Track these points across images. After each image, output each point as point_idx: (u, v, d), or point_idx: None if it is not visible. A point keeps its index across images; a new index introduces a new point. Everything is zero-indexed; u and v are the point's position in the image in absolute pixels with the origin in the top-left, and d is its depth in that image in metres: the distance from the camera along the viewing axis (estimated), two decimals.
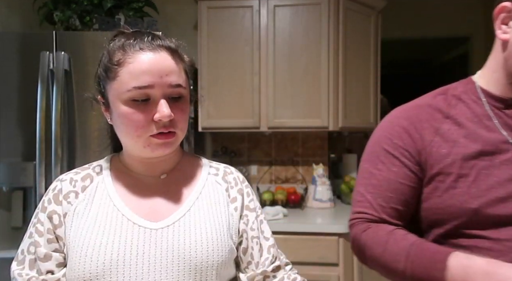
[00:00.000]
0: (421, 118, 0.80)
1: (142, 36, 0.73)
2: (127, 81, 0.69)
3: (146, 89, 0.69)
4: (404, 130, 0.80)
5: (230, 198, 0.82)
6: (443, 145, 0.76)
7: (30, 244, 0.74)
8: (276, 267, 0.82)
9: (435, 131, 0.78)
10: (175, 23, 2.61)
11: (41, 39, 1.79)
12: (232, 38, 2.25)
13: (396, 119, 0.83)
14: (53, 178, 1.71)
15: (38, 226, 0.74)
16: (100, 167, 0.81)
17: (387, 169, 0.80)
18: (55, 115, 1.73)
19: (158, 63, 0.70)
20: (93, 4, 2.04)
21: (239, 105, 2.22)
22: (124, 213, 0.73)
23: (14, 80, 1.79)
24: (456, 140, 0.76)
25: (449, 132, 0.77)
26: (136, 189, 0.77)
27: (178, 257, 0.71)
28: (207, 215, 0.76)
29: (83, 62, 1.80)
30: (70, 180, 0.77)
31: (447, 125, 0.78)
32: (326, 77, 2.19)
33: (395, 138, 0.80)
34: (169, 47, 0.73)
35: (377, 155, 0.82)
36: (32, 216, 0.77)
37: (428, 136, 0.78)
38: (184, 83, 0.74)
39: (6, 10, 2.12)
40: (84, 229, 0.71)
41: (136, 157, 0.77)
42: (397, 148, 0.80)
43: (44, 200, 0.76)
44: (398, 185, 0.78)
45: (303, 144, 2.61)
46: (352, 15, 2.28)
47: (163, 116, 0.69)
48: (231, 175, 0.86)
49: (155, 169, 0.79)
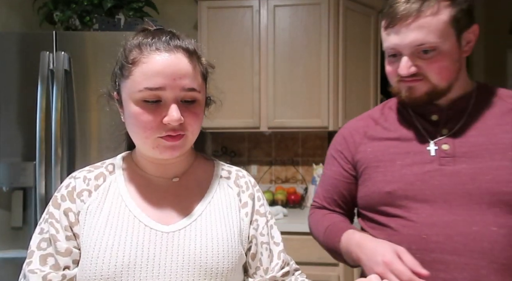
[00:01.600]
0: (358, 126, 1.00)
1: (160, 36, 0.71)
2: (139, 81, 0.68)
3: (158, 91, 0.67)
4: (343, 137, 1.02)
5: (241, 203, 0.81)
6: (368, 144, 0.95)
7: (41, 240, 0.72)
8: (286, 272, 0.81)
9: (364, 134, 0.97)
10: (175, 23, 2.60)
11: (41, 39, 1.79)
12: (232, 38, 2.25)
13: (342, 129, 1.05)
14: (53, 178, 1.71)
15: (54, 222, 0.72)
16: (113, 166, 0.80)
17: (329, 169, 1.04)
18: (55, 115, 1.73)
19: (172, 65, 0.68)
20: (93, 4, 2.04)
21: (239, 105, 2.22)
22: (136, 215, 0.72)
23: (14, 80, 1.79)
24: (380, 138, 0.94)
25: (375, 134, 0.95)
26: (148, 190, 0.76)
27: (189, 261, 0.70)
28: (218, 220, 0.76)
29: (83, 62, 1.80)
30: (83, 178, 0.76)
31: (375, 129, 0.96)
32: (326, 77, 2.19)
33: (337, 144, 1.03)
34: (186, 49, 0.71)
35: (327, 158, 1.07)
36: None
37: (359, 139, 0.98)
38: (198, 86, 0.72)
39: (6, 10, 2.12)
40: (96, 228, 0.70)
41: (147, 157, 0.77)
42: (337, 152, 1.02)
43: (56, 196, 0.75)
44: (334, 180, 1.02)
45: (303, 144, 2.61)
46: (352, 15, 2.28)
47: (172, 120, 0.67)
48: (243, 179, 0.85)
49: (167, 171, 0.78)
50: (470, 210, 0.79)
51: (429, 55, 0.80)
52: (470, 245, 0.78)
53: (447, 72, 0.82)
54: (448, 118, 0.87)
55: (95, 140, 1.80)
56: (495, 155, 0.80)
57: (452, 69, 0.83)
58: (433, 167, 0.84)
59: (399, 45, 0.82)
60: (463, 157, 0.82)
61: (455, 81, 0.84)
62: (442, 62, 0.80)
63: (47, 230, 0.72)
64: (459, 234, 0.79)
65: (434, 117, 0.88)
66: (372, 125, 0.98)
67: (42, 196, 1.71)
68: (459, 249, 0.78)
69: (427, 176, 0.84)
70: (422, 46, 0.79)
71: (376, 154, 0.92)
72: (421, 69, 0.82)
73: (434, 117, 0.88)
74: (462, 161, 0.82)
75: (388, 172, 0.88)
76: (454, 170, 0.82)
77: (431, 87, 0.83)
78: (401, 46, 0.81)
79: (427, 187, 0.83)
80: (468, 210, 0.79)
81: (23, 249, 1.76)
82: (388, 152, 0.91)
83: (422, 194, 0.83)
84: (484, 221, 0.78)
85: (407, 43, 0.80)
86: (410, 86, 0.84)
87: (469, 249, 0.78)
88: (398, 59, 0.84)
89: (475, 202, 0.79)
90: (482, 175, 0.80)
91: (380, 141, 0.93)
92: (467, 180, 0.81)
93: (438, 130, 0.87)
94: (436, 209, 0.82)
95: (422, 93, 0.84)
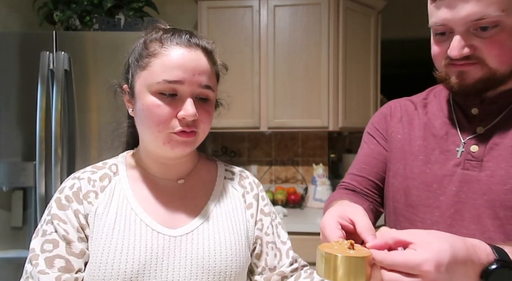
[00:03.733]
0: (398, 107, 0.90)
1: (180, 32, 0.72)
2: (158, 72, 0.68)
3: (176, 84, 0.67)
4: (383, 115, 0.92)
5: (246, 204, 0.81)
6: (400, 129, 0.86)
7: (44, 242, 0.68)
8: (295, 269, 0.81)
9: (400, 117, 0.88)
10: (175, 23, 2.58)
11: (41, 39, 1.79)
12: (232, 38, 2.25)
13: (382, 108, 0.94)
14: (53, 178, 1.71)
15: (60, 224, 0.69)
16: (116, 166, 0.78)
17: (367, 147, 0.92)
18: (55, 115, 1.73)
19: (192, 60, 0.69)
20: (93, 4, 2.04)
21: (239, 105, 2.22)
22: (143, 218, 0.71)
23: (14, 80, 1.79)
24: (413, 126, 0.84)
25: (409, 119, 0.86)
26: (153, 193, 0.75)
27: (197, 266, 0.70)
28: (225, 223, 0.75)
29: (83, 62, 1.80)
30: (88, 179, 0.74)
31: (413, 114, 0.86)
32: (326, 77, 2.19)
33: (375, 123, 0.93)
34: (205, 48, 0.73)
35: (363, 138, 0.95)
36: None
37: (395, 120, 0.88)
38: (213, 86, 0.73)
39: (6, 10, 2.12)
40: (104, 232, 0.69)
41: (153, 155, 0.76)
42: (375, 130, 0.92)
43: (60, 197, 0.72)
44: (372, 159, 0.89)
45: (303, 144, 2.60)
46: (352, 15, 2.28)
47: (188, 114, 0.67)
48: (247, 179, 0.85)
49: (171, 172, 0.78)
50: (481, 225, 0.68)
51: (489, 33, 0.65)
52: None
53: (509, 54, 0.67)
54: (488, 113, 0.74)
55: (95, 140, 1.80)
56: None
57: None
58: (455, 171, 0.74)
59: (451, 21, 0.67)
60: (490, 162, 0.70)
61: None
62: (503, 41, 0.66)
63: (52, 232, 0.69)
64: None
65: (474, 110, 0.75)
66: (411, 110, 0.87)
67: (42, 196, 1.71)
68: None
69: (447, 180, 0.74)
70: (480, 21, 0.65)
71: (403, 142, 0.83)
72: (477, 51, 0.67)
73: (474, 110, 0.75)
74: (488, 167, 0.70)
75: (408, 166, 0.80)
76: (476, 177, 0.71)
77: (487, 73, 0.68)
78: (454, 21, 0.67)
79: (442, 192, 0.74)
80: (480, 225, 0.69)
81: (23, 249, 1.76)
82: (415, 143, 0.81)
83: (435, 199, 0.74)
84: (492, 239, 0.66)
85: (462, 17, 0.65)
86: (462, 70, 0.70)
87: None
88: (449, 38, 0.69)
89: (489, 216, 0.68)
90: (501, 184, 0.68)
91: (411, 129, 0.83)
92: (485, 190, 0.69)
93: (473, 126, 0.75)
94: (445, 219, 0.73)
95: (476, 79, 0.69)
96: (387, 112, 0.91)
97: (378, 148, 0.89)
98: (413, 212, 0.77)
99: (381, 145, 0.89)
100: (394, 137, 0.86)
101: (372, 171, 0.89)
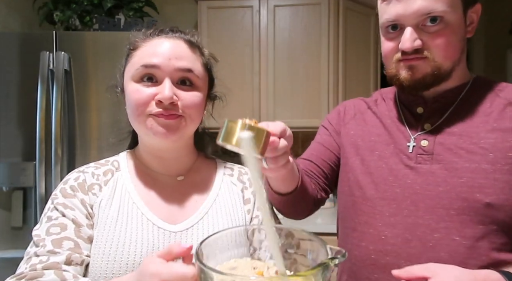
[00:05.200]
0: (351, 105, 0.96)
1: (164, 28, 0.75)
2: (137, 61, 0.71)
3: (152, 69, 0.69)
4: (337, 112, 0.97)
5: (244, 199, 0.81)
6: (353, 126, 0.90)
7: (50, 226, 0.68)
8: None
9: (354, 115, 0.93)
10: (175, 23, 2.58)
11: (41, 39, 1.79)
12: (232, 38, 2.25)
13: (337, 106, 1.01)
14: (53, 178, 1.71)
15: (68, 210, 0.69)
16: (118, 163, 0.79)
17: (319, 137, 0.98)
18: (55, 115, 1.73)
19: (170, 47, 0.71)
20: (93, 4, 2.04)
21: (239, 105, 2.22)
22: (144, 213, 0.72)
23: (14, 80, 1.79)
24: (366, 123, 0.89)
25: (362, 117, 0.90)
26: (154, 188, 0.76)
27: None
28: (225, 218, 0.76)
29: (83, 62, 1.80)
30: (92, 173, 0.75)
31: (366, 113, 0.91)
32: (326, 77, 2.19)
33: (330, 118, 0.98)
34: (188, 39, 0.74)
35: (318, 130, 1.01)
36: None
37: (348, 117, 0.93)
38: (197, 71, 0.73)
39: (6, 10, 2.12)
40: (107, 224, 0.70)
41: (150, 149, 0.77)
42: (329, 124, 0.97)
43: (64, 187, 0.72)
44: (321, 147, 0.95)
45: (303, 144, 2.60)
46: (352, 15, 2.28)
47: (164, 97, 0.67)
48: (246, 175, 0.85)
49: (170, 167, 0.78)
50: (436, 215, 0.72)
51: (435, 27, 0.72)
52: (427, 253, 0.71)
53: (453, 49, 0.74)
54: (433, 111, 0.80)
55: (95, 140, 1.80)
56: (474, 156, 0.72)
57: (457, 47, 0.75)
58: (409, 164, 0.78)
59: (402, 15, 0.72)
60: (441, 156, 0.75)
61: (457, 65, 0.77)
62: (448, 36, 0.72)
63: (59, 216, 0.69)
64: (418, 239, 0.72)
65: (419, 109, 0.81)
66: (364, 108, 0.92)
67: (42, 196, 1.71)
68: (414, 256, 0.72)
69: (401, 173, 0.78)
70: (429, 14, 0.71)
71: (356, 138, 0.87)
72: (424, 45, 0.73)
73: (419, 109, 0.81)
74: (440, 160, 0.75)
75: (365, 161, 0.83)
76: (429, 169, 0.75)
77: (434, 67, 0.74)
78: (405, 16, 0.72)
79: (398, 185, 0.77)
80: (435, 214, 0.72)
81: (23, 249, 1.75)
82: (369, 139, 0.85)
83: (392, 191, 0.78)
84: (448, 228, 0.71)
85: (413, 11, 0.71)
86: (412, 65, 0.75)
87: (426, 257, 0.71)
88: (399, 33, 0.75)
89: (444, 206, 0.72)
90: (456, 177, 0.72)
91: (364, 126, 0.88)
92: (439, 181, 0.73)
93: (421, 124, 0.80)
94: (402, 210, 0.76)
95: (425, 73, 0.74)
96: (342, 109, 0.97)
97: (329, 139, 0.95)
98: (371, 205, 0.80)
99: (332, 137, 0.95)
100: (347, 133, 0.91)
101: (319, 157, 0.93)
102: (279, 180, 0.76)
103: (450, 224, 0.71)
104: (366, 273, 0.79)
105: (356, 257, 0.81)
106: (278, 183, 0.78)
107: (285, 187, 0.78)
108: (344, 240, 0.89)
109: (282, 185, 0.78)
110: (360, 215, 0.82)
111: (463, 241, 0.70)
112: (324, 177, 0.93)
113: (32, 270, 0.63)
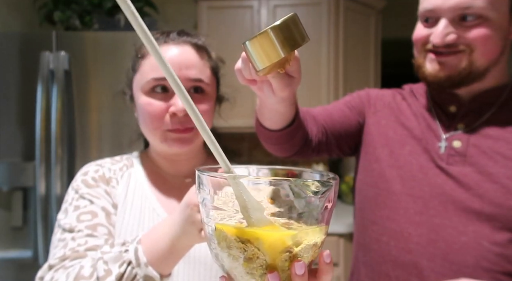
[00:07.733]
0: (385, 94, 0.91)
1: (170, 32, 0.74)
2: (147, 72, 0.70)
3: (164, 81, 0.69)
4: (368, 94, 0.92)
5: None
6: (384, 116, 0.86)
7: (80, 214, 0.67)
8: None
9: (388, 104, 0.88)
10: (175, 23, 2.60)
11: (41, 39, 1.79)
12: (232, 38, 2.24)
13: (370, 89, 0.95)
14: (53, 178, 1.71)
15: (94, 199, 0.69)
16: (131, 161, 0.80)
17: (337, 102, 0.94)
18: (55, 115, 1.72)
19: (179, 56, 0.70)
20: (93, 4, 2.04)
21: (239, 105, 2.22)
22: (159, 213, 0.72)
23: (14, 80, 1.79)
24: (399, 115, 0.84)
25: (397, 108, 0.86)
26: (164, 188, 0.77)
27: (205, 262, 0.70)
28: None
29: (83, 62, 1.80)
30: (108, 168, 0.76)
31: (401, 103, 0.86)
32: (326, 77, 2.19)
33: (358, 95, 0.93)
34: (195, 43, 0.74)
35: (353, 94, 0.96)
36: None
37: (380, 105, 0.88)
38: (207, 78, 0.73)
39: (6, 10, 2.12)
40: (125, 219, 0.70)
41: (160, 152, 0.77)
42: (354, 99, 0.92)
43: (86, 179, 0.72)
44: (337, 111, 0.90)
45: None
46: (352, 15, 2.28)
47: (178, 109, 0.68)
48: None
49: (180, 168, 0.79)
50: (465, 218, 0.70)
51: (473, 22, 0.68)
52: (452, 256, 0.70)
53: (491, 46, 0.70)
54: (468, 111, 0.76)
55: (95, 140, 1.80)
56: (509, 162, 0.69)
57: (497, 45, 0.70)
58: (440, 164, 0.75)
59: (440, 8, 0.69)
60: (474, 158, 0.72)
61: (493, 65, 0.72)
62: (487, 31, 0.68)
63: (87, 205, 0.68)
64: (443, 240, 0.71)
65: (453, 108, 0.78)
66: (399, 99, 0.88)
67: (42, 196, 1.71)
68: (438, 257, 0.71)
69: (432, 172, 0.75)
70: (467, 10, 0.68)
71: (388, 129, 0.84)
72: (461, 38, 0.69)
73: (452, 108, 0.78)
74: (473, 163, 0.72)
75: (394, 154, 0.80)
76: (461, 171, 0.73)
77: (468, 64, 0.70)
78: (442, 9, 0.69)
79: (427, 183, 0.75)
80: (464, 217, 0.71)
81: (23, 249, 1.76)
82: (401, 132, 0.82)
83: (419, 189, 0.76)
84: (476, 232, 0.69)
85: (450, 5, 0.68)
86: (442, 61, 0.72)
87: (450, 259, 0.70)
88: (434, 25, 0.71)
89: (474, 210, 0.70)
90: (490, 182, 0.70)
91: (397, 118, 0.84)
92: (471, 184, 0.71)
93: (453, 124, 0.77)
94: (429, 209, 0.74)
95: (456, 70, 0.71)
96: (373, 95, 0.92)
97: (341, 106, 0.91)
98: (395, 200, 0.77)
99: (352, 107, 0.90)
100: (377, 122, 0.86)
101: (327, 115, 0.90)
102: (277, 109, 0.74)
103: (480, 228, 0.69)
104: (385, 270, 0.77)
105: (376, 252, 0.79)
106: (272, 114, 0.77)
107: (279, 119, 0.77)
108: (362, 232, 0.85)
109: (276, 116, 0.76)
110: (382, 209, 0.79)
111: (492, 246, 0.68)
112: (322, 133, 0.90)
113: (75, 252, 0.63)
